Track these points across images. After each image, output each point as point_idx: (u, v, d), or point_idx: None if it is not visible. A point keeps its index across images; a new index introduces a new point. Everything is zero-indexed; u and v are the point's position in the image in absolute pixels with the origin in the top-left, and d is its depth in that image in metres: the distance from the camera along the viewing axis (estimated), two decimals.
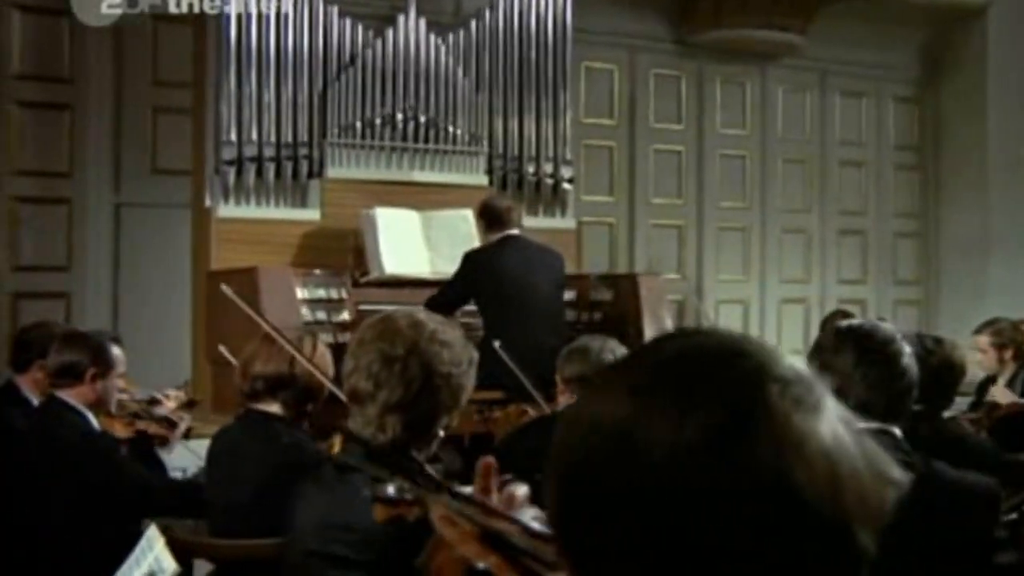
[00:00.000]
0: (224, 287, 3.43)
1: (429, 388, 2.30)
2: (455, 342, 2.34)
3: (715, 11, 9.13)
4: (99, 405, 4.01)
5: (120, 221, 7.53)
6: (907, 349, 2.43)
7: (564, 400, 3.85)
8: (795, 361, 0.89)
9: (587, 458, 0.85)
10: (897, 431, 2.41)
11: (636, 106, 9.37)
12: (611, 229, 9.27)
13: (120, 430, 4.19)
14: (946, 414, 5.88)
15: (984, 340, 6.48)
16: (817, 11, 9.50)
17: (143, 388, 4.88)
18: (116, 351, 4.09)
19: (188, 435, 4.37)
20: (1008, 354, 6.36)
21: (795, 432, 0.82)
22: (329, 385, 3.18)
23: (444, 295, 6.03)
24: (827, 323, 7.17)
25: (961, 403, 6.41)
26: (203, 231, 6.93)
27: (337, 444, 2.51)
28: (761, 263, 9.87)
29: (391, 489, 1.48)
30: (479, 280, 5.97)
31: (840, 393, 2.30)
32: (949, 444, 3.70)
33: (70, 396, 3.91)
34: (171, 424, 4.26)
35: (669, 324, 6.96)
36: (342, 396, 2.56)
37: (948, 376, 3.75)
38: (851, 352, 2.38)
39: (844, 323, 2.50)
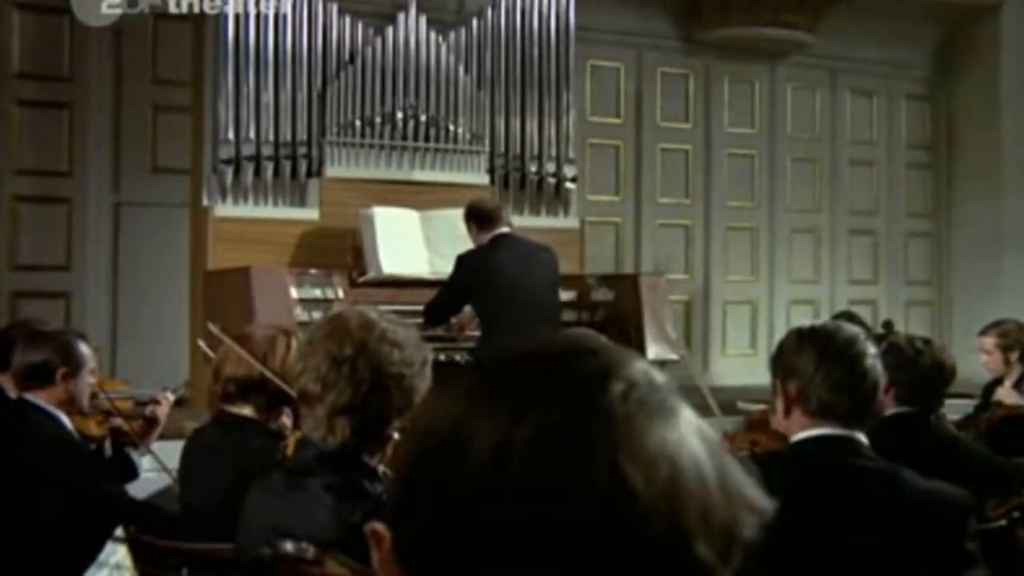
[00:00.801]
0: (211, 326, 3.32)
1: (379, 389, 2.22)
2: (407, 342, 2.26)
3: (722, 9, 9.04)
4: (70, 404, 3.94)
5: (119, 220, 7.51)
6: (871, 350, 2.35)
7: None
8: (651, 366, 0.82)
9: (418, 458, 0.81)
10: (861, 436, 2.33)
11: (643, 105, 9.29)
12: (617, 228, 9.20)
13: (94, 428, 4.13)
14: (955, 417, 5.82)
15: (990, 341, 6.36)
16: (826, 8, 9.40)
17: (141, 387, 4.83)
18: (85, 348, 4.01)
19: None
20: (1014, 356, 6.23)
21: (635, 436, 0.77)
22: (290, 391, 3.11)
23: (440, 300, 5.97)
24: None
25: (968, 405, 6.33)
26: (201, 230, 6.90)
27: (291, 446, 2.44)
28: (770, 263, 9.78)
29: (289, 547, 1.43)
30: (474, 281, 5.89)
31: (801, 396, 2.24)
32: (940, 447, 3.62)
33: (40, 397, 3.84)
34: (147, 422, 4.19)
35: (671, 325, 6.88)
36: None
37: (939, 377, 3.67)
38: (812, 353, 2.30)
39: (807, 324, 2.43)
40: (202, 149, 6.93)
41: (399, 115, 7.19)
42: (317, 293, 6.44)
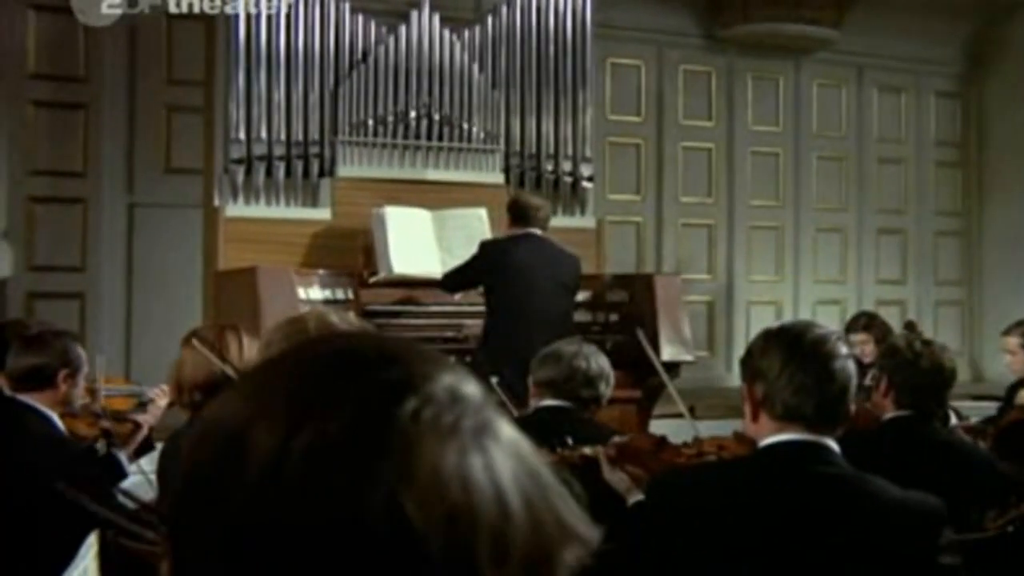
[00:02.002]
0: (195, 342, 3.26)
1: None
2: None
3: (743, 5, 8.92)
4: (64, 406, 3.94)
5: (134, 221, 7.50)
6: (842, 351, 2.24)
7: (534, 403, 3.70)
8: (464, 381, 0.75)
9: (198, 461, 0.76)
10: (830, 442, 2.22)
11: (664, 102, 9.18)
12: (638, 228, 9.09)
13: (84, 430, 4.12)
14: (975, 419, 5.67)
15: (1013, 341, 6.22)
16: (850, 4, 9.26)
17: (154, 389, 4.79)
18: (81, 351, 4.00)
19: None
20: None
21: (419, 457, 0.70)
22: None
23: (456, 274, 6.16)
24: (851, 325, 6.95)
25: (989, 407, 6.19)
26: (212, 231, 6.88)
27: None
28: (795, 263, 9.64)
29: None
30: (487, 270, 6.00)
31: (767, 399, 2.15)
32: (940, 452, 3.50)
33: (34, 399, 3.83)
34: (136, 424, 4.17)
35: (686, 325, 6.77)
36: None
37: (938, 380, 3.55)
38: (778, 355, 2.20)
39: (776, 324, 2.33)
40: (213, 149, 6.90)
41: (412, 114, 7.13)
42: (327, 294, 6.39)
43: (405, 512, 0.68)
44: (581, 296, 6.87)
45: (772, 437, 2.22)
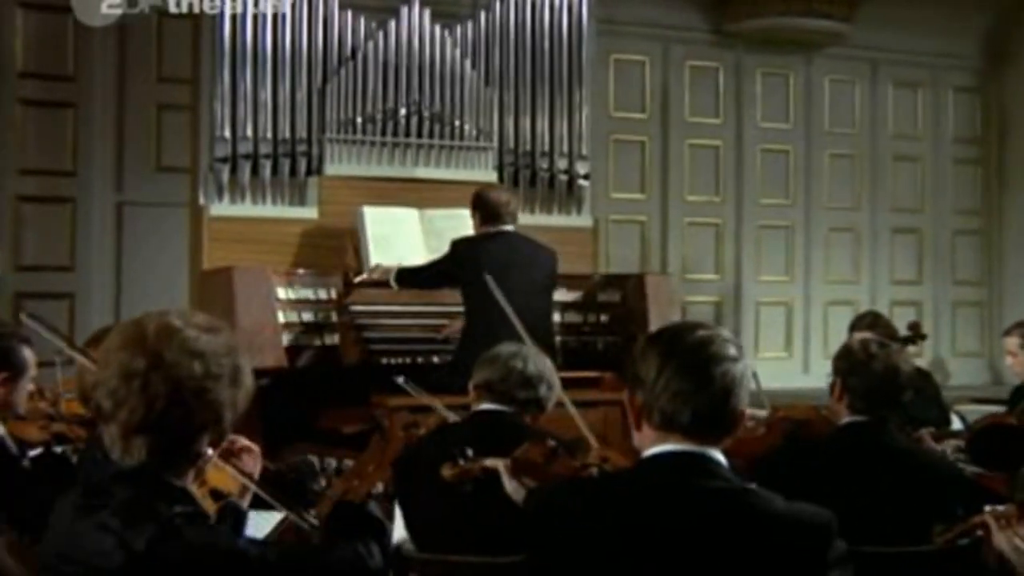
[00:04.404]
0: (23, 316, 3.18)
1: (177, 405, 2.01)
2: (211, 351, 2.04)
3: None
4: (5, 410, 3.85)
5: (122, 220, 7.43)
6: (729, 353, 2.06)
7: (473, 407, 3.55)
8: None
9: None
10: (714, 452, 2.05)
11: (669, 99, 9.00)
12: (643, 227, 8.92)
13: (34, 434, 4.02)
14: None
15: (1014, 342, 6.01)
16: None
17: None
18: (27, 353, 3.90)
19: None
20: None
21: None
22: None
23: (422, 271, 6.01)
24: (855, 326, 6.76)
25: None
26: (197, 230, 6.80)
27: None
28: (805, 263, 9.43)
29: None
30: (460, 270, 5.78)
31: (647, 407, 1.99)
32: (895, 459, 3.33)
33: None
34: (92, 425, 4.06)
35: None
36: None
37: (892, 384, 3.38)
38: (655, 359, 2.05)
39: (660, 327, 2.17)
40: (199, 148, 6.82)
41: (402, 111, 7.00)
42: (309, 294, 6.27)
43: None
44: (572, 296, 6.73)
45: (653, 448, 2.07)
